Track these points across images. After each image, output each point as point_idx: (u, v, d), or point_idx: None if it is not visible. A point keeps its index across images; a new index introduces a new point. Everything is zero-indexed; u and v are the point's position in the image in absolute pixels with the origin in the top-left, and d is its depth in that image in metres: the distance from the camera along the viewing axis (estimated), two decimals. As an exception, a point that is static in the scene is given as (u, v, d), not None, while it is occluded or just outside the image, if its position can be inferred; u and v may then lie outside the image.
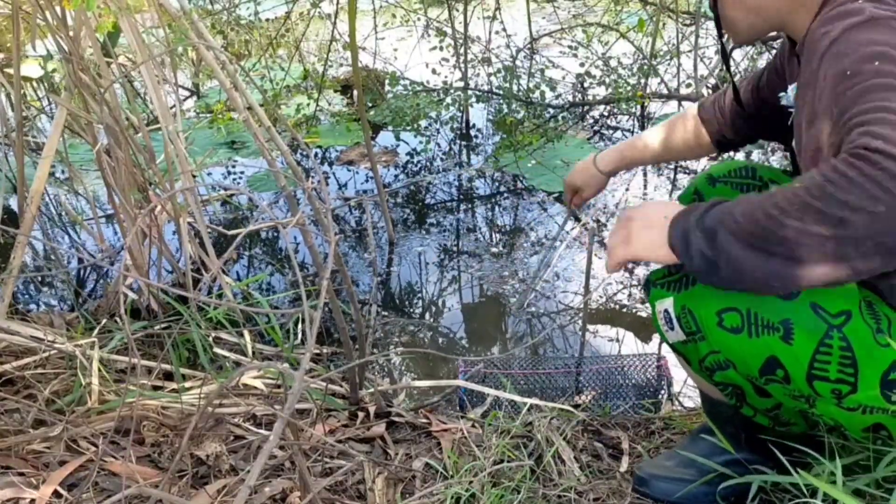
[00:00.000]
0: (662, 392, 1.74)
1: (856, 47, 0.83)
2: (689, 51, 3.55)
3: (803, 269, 0.79)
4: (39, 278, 2.48)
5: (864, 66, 0.81)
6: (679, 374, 1.94)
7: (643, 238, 0.94)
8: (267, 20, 4.23)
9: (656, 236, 0.92)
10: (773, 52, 1.20)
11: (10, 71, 1.96)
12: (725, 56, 1.25)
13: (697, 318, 0.97)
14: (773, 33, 1.13)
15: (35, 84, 3.82)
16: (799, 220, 0.77)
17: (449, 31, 3.67)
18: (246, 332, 1.78)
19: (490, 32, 3.90)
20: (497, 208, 3.03)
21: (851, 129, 0.78)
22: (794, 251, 0.78)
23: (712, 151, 1.44)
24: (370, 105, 3.94)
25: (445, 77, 3.70)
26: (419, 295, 2.41)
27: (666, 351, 2.06)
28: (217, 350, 1.70)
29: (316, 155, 3.59)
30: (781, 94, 1.14)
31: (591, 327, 2.17)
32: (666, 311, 1.02)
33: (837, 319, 0.89)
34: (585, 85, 3.83)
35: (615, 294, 2.35)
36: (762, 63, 4.10)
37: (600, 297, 2.33)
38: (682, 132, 1.45)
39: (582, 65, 3.78)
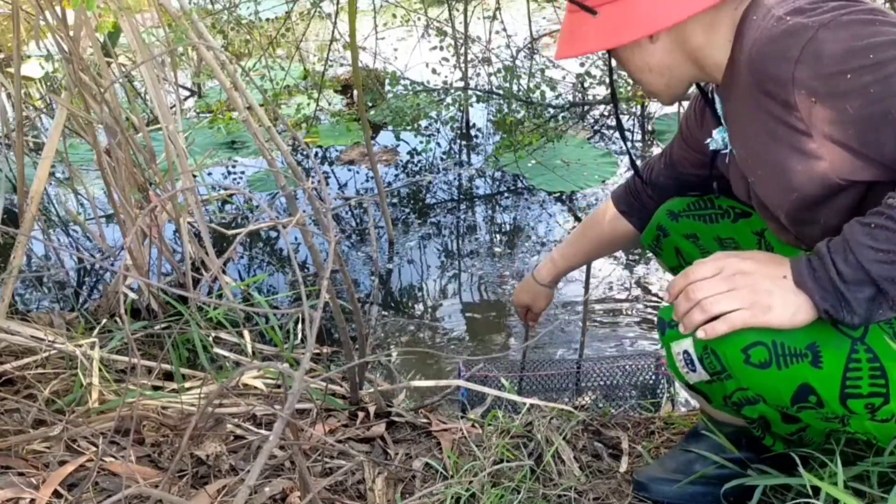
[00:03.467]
0: (661, 393, 1.74)
1: (834, 49, 0.79)
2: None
3: None
4: (39, 278, 2.48)
5: (866, 64, 0.77)
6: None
7: (781, 308, 0.86)
8: (267, 20, 4.23)
9: (794, 304, 0.85)
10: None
11: (11, 70, 1.96)
12: (621, 129, 1.25)
13: (722, 358, 0.92)
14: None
15: (37, 84, 3.82)
16: None
17: (449, 30, 3.67)
18: (246, 332, 1.78)
19: (490, 32, 3.90)
20: (497, 208, 3.03)
21: None
22: None
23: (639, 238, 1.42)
24: (370, 105, 3.94)
25: (445, 77, 3.70)
26: (419, 295, 2.41)
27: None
28: (217, 350, 1.70)
29: (316, 155, 3.59)
30: (708, 140, 1.10)
31: (591, 327, 2.17)
32: (685, 352, 0.98)
33: (857, 332, 0.88)
34: (585, 85, 3.82)
35: (615, 294, 2.35)
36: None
37: (600, 296, 2.33)
38: (607, 231, 1.44)
39: (582, 64, 3.78)
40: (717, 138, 1.08)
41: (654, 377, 1.77)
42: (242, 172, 3.40)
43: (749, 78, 0.88)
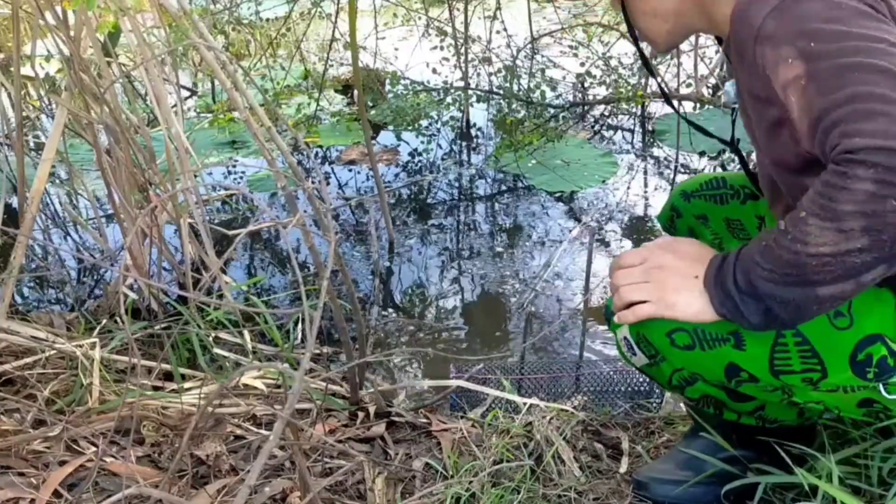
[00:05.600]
0: (656, 396, 1.73)
1: (789, 27, 0.77)
2: (690, 51, 3.55)
3: (856, 278, 0.76)
4: (39, 278, 2.48)
5: (806, 48, 0.75)
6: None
7: (684, 306, 0.90)
8: (267, 20, 4.23)
9: (698, 304, 0.89)
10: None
11: (15, 70, 1.96)
12: (647, 64, 1.24)
13: (652, 342, 0.96)
14: None
15: (36, 84, 3.82)
16: (823, 244, 0.74)
17: (449, 30, 3.67)
18: (246, 332, 1.78)
19: (490, 32, 3.90)
20: (497, 208, 3.03)
21: (827, 132, 0.73)
22: (836, 271, 0.76)
23: None
24: (371, 105, 3.94)
25: (446, 77, 3.70)
26: (419, 295, 2.41)
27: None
28: (217, 350, 1.70)
29: (316, 154, 3.59)
30: (721, 91, 1.12)
31: (591, 327, 2.17)
32: (625, 338, 1.02)
33: None
34: (586, 85, 3.83)
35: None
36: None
37: (600, 297, 2.33)
38: None
39: (582, 64, 3.78)
40: (729, 90, 1.07)
41: (647, 382, 1.76)
42: (243, 172, 3.40)
43: (732, 34, 0.87)
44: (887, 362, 0.88)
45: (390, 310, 2.31)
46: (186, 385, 1.59)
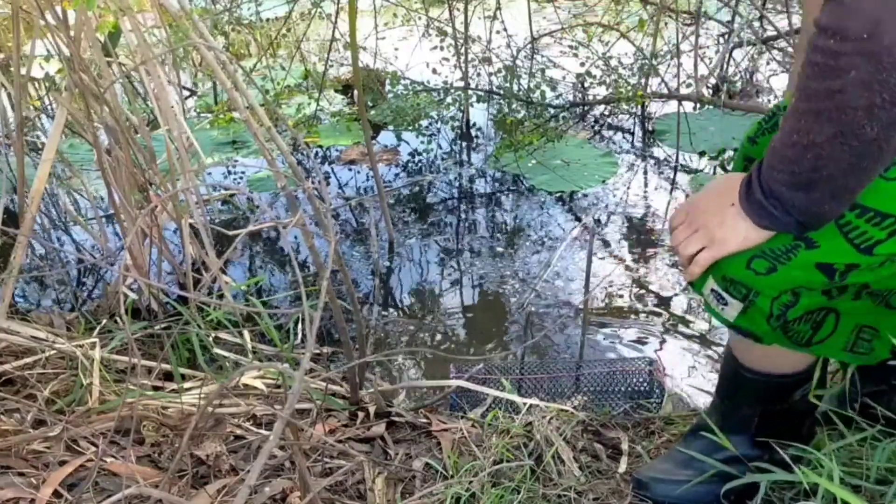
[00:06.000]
0: (655, 396, 1.73)
1: None
2: (690, 51, 3.55)
3: (872, 153, 0.77)
4: (40, 278, 2.48)
5: None
6: (674, 375, 1.94)
7: (731, 236, 0.91)
8: (267, 20, 4.23)
9: (742, 229, 0.90)
10: (773, 52, 1.13)
11: (15, 70, 1.96)
12: None
13: (739, 280, 0.95)
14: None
15: (36, 84, 3.82)
16: (819, 132, 0.76)
17: (449, 30, 3.67)
18: (246, 332, 1.78)
19: (490, 32, 3.90)
20: (497, 208, 3.03)
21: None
22: (846, 153, 0.77)
23: None
24: (371, 105, 3.94)
25: (446, 77, 3.70)
26: (419, 295, 2.41)
27: (659, 353, 2.06)
28: (217, 350, 1.70)
29: (316, 154, 3.59)
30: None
31: (591, 327, 2.17)
32: (712, 290, 1.01)
33: None
34: (586, 85, 3.83)
35: (615, 294, 2.35)
36: (762, 63, 4.10)
37: (600, 296, 2.33)
38: None
39: (582, 64, 3.78)
40: None
41: (647, 382, 1.76)
42: (243, 172, 3.40)
43: None
44: None
45: (390, 310, 2.31)
46: (186, 385, 1.59)
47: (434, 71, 3.71)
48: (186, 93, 4.39)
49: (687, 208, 0.97)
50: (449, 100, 3.65)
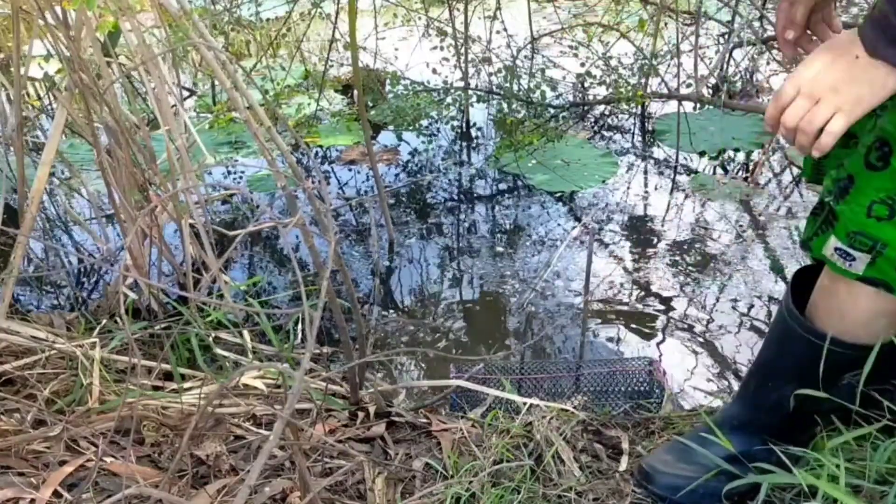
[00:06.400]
0: (655, 396, 1.73)
1: None
2: (690, 51, 3.55)
3: None
4: (39, 279, 2.48)
5: None
6: (674, 375, 1.94)
7: (867, 90, 0.85)
8: (267, 20, 4.23)
9: (880, 76, 0.83)
10: (773, 52, 1.12)
11: (15, 70, 1.96)
12: None
13: (863, 232, 0.94)
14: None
15: (36, 84, 3.82)
16: None
17: (449, 30, 3.67)
18: (245, 332, 1.78)
19: (490, 32, 3.90)
20: (497, 208, 3.03)
21: None
22: None
23: None
24: (371, 105, 3.94)
25: (446, 77, 3.70)
26: (419, 295, 2.41)
27: (659, 353, 2.06)
28: (217, 350, 1.70)
29: (316, 154, 3.59)
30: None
31: (591, 327, 2.17)
32: (837, 248, 0.99)
33: None
34: (586, 85, 3.83)
35: (615, 294, 2.35)
36: (762, 63, 4.10)
37: (600, 297, 2.33)
38: None
39: (582, 64, 3.78)
40: None
41: (647, 382, 1.76)
42: (242, 172, 3.40)
43: None
44: None
45: (390, 310, 2.31)
46: (186, 385, 1.59)
47: (434, 71, 3.71)
48: (186, 93, 4.39)
49: (796, 82, 0.88)
50: (449, 100, 3.65)
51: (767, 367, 1.18)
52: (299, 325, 1.88)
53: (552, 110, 3.60)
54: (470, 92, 3.69)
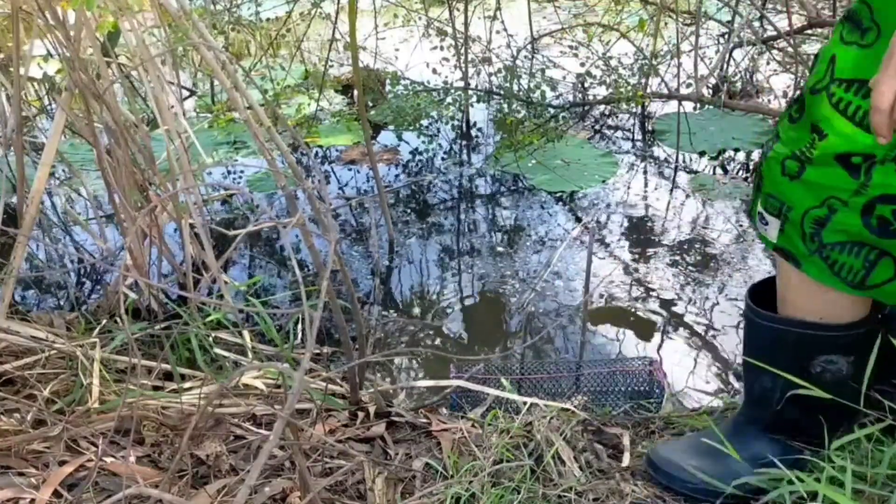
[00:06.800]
0: (655, 396, 1.73)
1: None
2: (690, 51, 3.55)
3: None
4: (39, 279, 2.48)
5: None
6: (674, 375, 1.94)
7: None
8: (267, 20, 4.23)
9: None
10: (773, 51, 1.12)
11: (15, 70, 1.96)
12: None
13: (774, 193, 0.98)
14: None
15: (36, 84, 3.82)
16: None
17: (449, 30, 3.67)
18: (245, 332, 1.78)
19: (491, 32, 3.90)
20: (497, 208, 3.03)
21: None
22: None
23: None
24: (371, 105, 3.94)
25: (446, 77, 3.70)
26: (419, 295, 2.41)
27: (659, 353, 2.06)
28: (217, 350, 1.70)
29: (316, 154, 3.59)
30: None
31: (591, 327, 2.17)
32: (759, 213, 1.04)
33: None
34: (586, 85, 3.83)
35: (615, 294, 2.35)
36: (762, 63, 4.10)
37: (600, 297, 2.32)
38: None
39: (582, 64, 3.78)
40: None
41: (647, 382, 1.76)
42: (242, 172, 3.40)
43: None
44: None
45: (390, 310, 2.31)
46: (186, 385, 1.59)
47: (434, 71, 3.71)
48: (186, 93, 4.39)
49: (891, 83, 0.81)
50: (449, 100, 3.64)
51: (747, 363, 1.20)
52: (299, 325, 1.88)
53: (552, 110, 3.60)
54: (470, 92, 3.69)
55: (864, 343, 1.05)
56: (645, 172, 3.31)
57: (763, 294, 1.15)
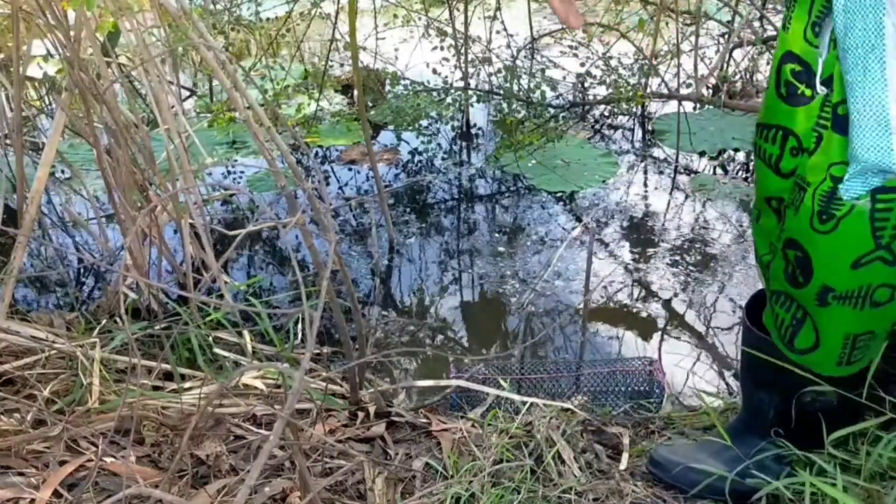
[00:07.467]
0: (655, 396, 1.73)
1: None
2: (690, 51, 3.55)
3: None
4: (40, 279, 2.48)
5: None
6: (674, 375, 1.94)
7: None
8: (267, 20, 4.23)
9: None
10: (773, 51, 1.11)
11: (15, 70, 1.96)
12: None
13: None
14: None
15: (36, 84, 3.82)
16: None
17: (449, 30, 3.67)
18: (246, 332, 1.78)
19: (491, 32, 3.90)
20: (497, 208, 3.03)
21: None
22: None
23: None
24: (371, 105, 3.94)
25: (446, 77, 3.70)
26: (419, 295, 2.41)
27: (659, 353, 2.06)
28: (217, 350, 1.70)
29: (316, 154, 3.59)
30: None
31: (591, 327, 2.17)
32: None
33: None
34: (586, 85, 3.82)
35: (615, 294, 2.35)
36: (763, 63, 4.10)
37: (600, 297, 2.32)
38: None
39: (582, 65, 3.78)
40: None
41: (647, 382, 1.76)
42: (242, 172, 3.40)
43: None
44: None
45: (390, 310, 2.31)
46: (186, 385, 1.59)
47: (434, 71, 3.71)
48: (186, 93, 4.38)
49: None
50: (449, 100, 3.64)
51: (742, 372, 1.21)
52: (299, 325, 1.88)
53: (552, 110, 3.60)
54: (470, 92, 3.69)
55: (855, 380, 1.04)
56: (645, 172, 3.31)
57: (764, 301, 1.15)
